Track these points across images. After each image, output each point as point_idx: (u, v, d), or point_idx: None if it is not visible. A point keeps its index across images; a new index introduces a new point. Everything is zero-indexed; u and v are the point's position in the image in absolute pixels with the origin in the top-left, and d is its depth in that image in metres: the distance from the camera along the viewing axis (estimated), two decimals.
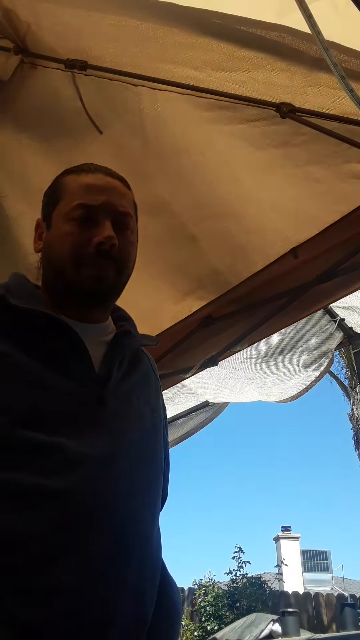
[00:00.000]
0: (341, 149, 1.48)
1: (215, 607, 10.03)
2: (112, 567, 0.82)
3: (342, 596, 11.09)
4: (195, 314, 2.11)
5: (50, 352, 0.90)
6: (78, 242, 0.94)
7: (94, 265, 0.94)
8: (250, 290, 1.96)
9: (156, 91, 1.50)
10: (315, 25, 1.08)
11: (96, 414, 0.88)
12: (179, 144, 1.63)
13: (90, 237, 0.94)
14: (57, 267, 0.97)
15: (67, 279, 0.95)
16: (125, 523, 0.85)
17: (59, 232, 0.96)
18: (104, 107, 1.60)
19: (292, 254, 1.81)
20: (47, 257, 1.00)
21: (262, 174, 1.65)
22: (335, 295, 1.90)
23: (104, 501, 0.83)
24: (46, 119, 1.65)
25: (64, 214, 0.97)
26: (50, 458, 0.82)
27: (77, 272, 0.94)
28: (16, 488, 0.80)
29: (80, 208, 0.95)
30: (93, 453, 0.85)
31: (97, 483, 0.83)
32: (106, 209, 0.96)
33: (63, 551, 0.79)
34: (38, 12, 1.43)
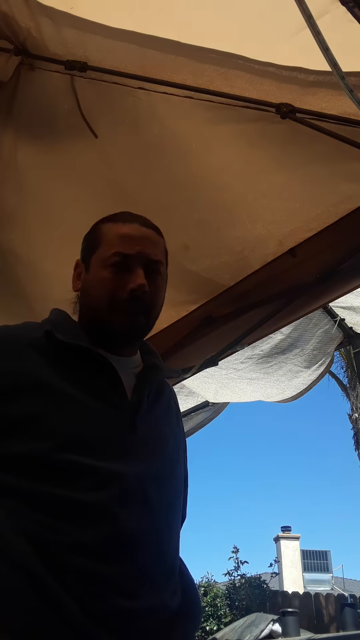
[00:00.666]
0: (341, 149, 1.48)
1: (214, 608, 10.04)
2: (148, 577, 0.94)
3: (342, 596, 11.08)
4: (194, 314, 2.11)
5: (90, 382, 1.00)
6: (113, 288, 1.03)
7: (126, 310, 1.03)
8: (249, 290, 1.96)
9: (155, 93, 1.50)
10: (315, 26, 1.08)
11: (128, 438, 0.98)
12: (177, 146, 1.63)
13: (124, 284, 1.03)
14: (93, 308, 1.07)
15: (102, 320, 1.05)
16: (152, 540, 0.96)
17: (97, 277, 1.06)
18: (102, 110, 1.60)
19: (290, 254, 1.81)
20: (84, 298, 1.09)
21: (262, 173, 1.65)
22: (334, 294, 1.90)
23: (137, 518, 0.94)
24: (44, 120, 1.65)
25: (101, 260, 1.06)
26: (91, 478, 0.91)
27: (111, 315, 1.04)
28: (65, 504, 0.89)
29: (116, 256, 1.04)
30: (127, 472, 0.95)
31: (132, 500, 0.94)
32: (140, 258, 1.05)
33: (109, 559, 0.89)
34: (38, 19, 1.44)
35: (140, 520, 0.94)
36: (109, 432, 0.97)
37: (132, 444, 0.98)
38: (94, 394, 0.99)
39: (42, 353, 0.99)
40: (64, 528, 0.87)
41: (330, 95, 1.39)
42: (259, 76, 1.39)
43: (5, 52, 1.51)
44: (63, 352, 1.00)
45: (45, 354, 0.99)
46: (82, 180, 1.75)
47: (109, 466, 0.93)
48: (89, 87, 1.54)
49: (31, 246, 1.90)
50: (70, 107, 1.58)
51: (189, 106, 1.50)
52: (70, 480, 0.90)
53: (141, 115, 1.58)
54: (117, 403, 1.00)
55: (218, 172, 1.68)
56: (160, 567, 0.97)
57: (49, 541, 0.86)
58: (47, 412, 0.93)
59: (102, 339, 1.06)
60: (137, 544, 0.92)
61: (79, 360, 1.01)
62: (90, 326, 1.08)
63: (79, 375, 0.99)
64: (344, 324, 2.76)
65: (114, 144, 1.66)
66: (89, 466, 0.91)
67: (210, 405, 3.25)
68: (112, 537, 0.90)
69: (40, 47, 1.50)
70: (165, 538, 1.00)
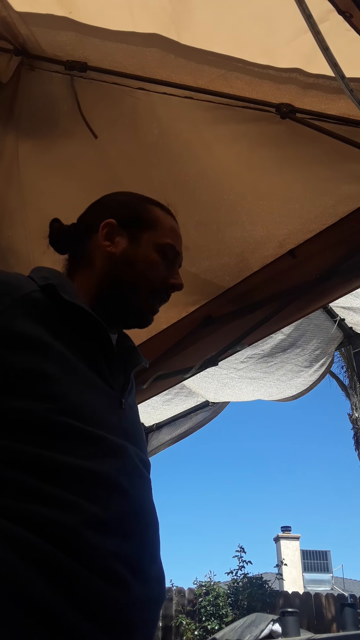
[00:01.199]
0: (341, 149, 1.48)
1: (215, 607, 10.04)
2: (149, 547, 0.88)
3: (342, 596, 11.08)
4: (194, 314, 2.11)
5: (87, 352, 0.94)
6: (161, 275, 1.05)
7: (158, 299, 1.07)
8: (249, 291, 1.96)
9: (154, 94, 1.50)
10: (315, 26, 1.08)
11: (119, 416, 0.95)
12: (176, 146, 1.63)
13: (169, 276, 1.07)
14: (127, 282, 1.04)
15: (130, 294, 1.03)
16: (153, 516, 0.93)
17: (147, 256, 1.05)
18: (102, 111, 1.60)
19: (290, 255, 1.81)
20: (120, 267, 1.04)
21: (262, 174, 1.65)
22: (334, 295, 1.90)
23: (140, 493, 0.90)
24: (45, 120, 1.65)
25: (155, 243, 1.06)
26: (97, 446, 0.86)
27: (145, 297, 1.04)
28: (77, 470, 0.82)
29: (171, 248, 1.07)
30: (127, 446, 0.91)
31: (134, 474, 0.90)
32: (179, 259, 1.11)
33: (124, 532, 0.83)
34: (36, 28, 1.45)
35: (143, 495, 0.91)
36: (107, 405, 0.93)
37: (121, 421, 0.95)
38: (91, 364, 0.93)
39: (41, 309, 0.90)
40: (75, 501, 0.79)
41: (330, 95, 1.39)
42: (258, 78, 1.40)
43: (6, 53, 1.51)
44: (61, 312, 0.92)
45: (43, 311, 0.90)
46: (82, 179, 1.75)
47: (113, 437, 0.88)
48: (89, 88, 1.54)
49: (30, 244, 1.90)
50: (71, 107, 1.58)
51: (189, 106, 1.50)
52: (78, 446, 0.83)
53: (140, 115, 1.58)
54: (109, 379, 0.96)
55: (218, 173, 1.68)
56: (159, 543, 0.93)
57: (56, 518, 0.76)
58: (52, 371, 0.86)
59: (102, 309, 1.01)
60: (145, 519, 0.89)
61: (78, 326, 0.94)
62: (99, 291, 1.03)
63: (76, 341, 0.92)
64: (344, 324, 2.76)
65: (114, 144, 1.66)
66: (95, 434, 0.86)
67: (210, 405, 3.25)
68: (126, 511, 0.84)
69: (40, 49, 1.50)
70: (156, 516, 0.96)
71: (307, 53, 1.26)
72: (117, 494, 0.84)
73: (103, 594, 0.75)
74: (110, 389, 0.96)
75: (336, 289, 1.83)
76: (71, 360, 0.90)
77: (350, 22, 1.12)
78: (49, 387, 0.85)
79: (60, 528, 0.76)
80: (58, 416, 0.83)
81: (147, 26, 1.35)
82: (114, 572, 0.78)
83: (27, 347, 0.86)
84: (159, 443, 3.32)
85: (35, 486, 0.78)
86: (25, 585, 0.71)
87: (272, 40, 1.32)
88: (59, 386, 0.86)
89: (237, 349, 2.16)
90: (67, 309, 0.93)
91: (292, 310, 1.95)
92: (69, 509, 0.78)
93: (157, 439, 3.35)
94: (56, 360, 0.88)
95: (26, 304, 0.89)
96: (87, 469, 0.82)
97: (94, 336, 0.96)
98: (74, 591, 0.74)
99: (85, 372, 0.92)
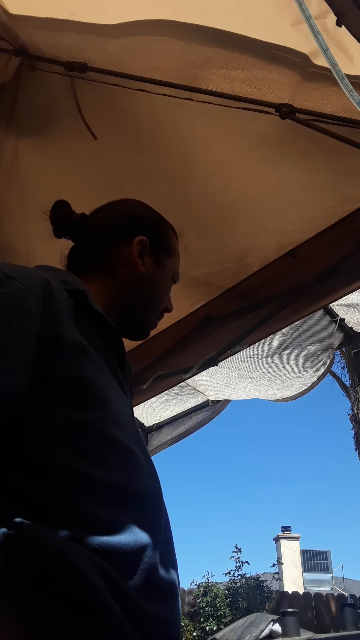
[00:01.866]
0: (341, 149, 1.48)
1: (214, 608, 10.04)
2: (171, 556, 0.85)
3: (342, 596, 11.08)
4: (194, 314, 2.11)
5: (110, 361, 0.92)
6: (165, 299, 1.12)
7: (156, 320, 1.13)
8: (249, 291, 1.96)
9: (154, 95, 1.50)
10: (315, 26, 1.08)
11: (136, 428, 0.96)
12: (177, 146, 1.63)
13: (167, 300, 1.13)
14: (142, 300, 1.07)
15: (141, 314, 1.08)
16: (168, 527, 0.91)
17: (167, 282, 1.11)
18: (102, 112, 1.61)
19: (290, 255, 1.81)
20: (143, 285, 1.06)
21: (262, 174, 1.65)
22: (335, 295, 1.90)
23: (157, 498, 0.88)
24: (45, 122, 1.65)
25: (173, 271, 1.13)
26: (132, 460, 0.83)
27: (153, 317, 1.10)
28: (118, 488, 0.78)
29: (176, 277, 1.14)
30: (148, 462, 0.89)
31: (152, 484, 0.87)
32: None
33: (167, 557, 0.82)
34: (37, 30, 1.45)
35: (167, 515, 0.89)
36: (130, 417, 0.92)
37: (140, 434, 0.96)
38: (114, 373, 0.92)
39: (76, 315, 0.85)
40: (136, 523, 0.76)
41: (330, 95, 1.40)
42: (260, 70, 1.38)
43: (6, 53, 1.52)
44: (87, 320, 0.88)
45: (77, 317, 0.85)
46: (82, 180, 1.75)
47: (142, 452, 0.86)
48: (89, 89, 1.54)
49: (30, 242, 1.91)
50: (71, 108, 1.58)
51: (189, 108, 1.50)
52: (124, 463, 0.80)
53: (141, 116, 1.58)
54: (125, 387, 0.96)
55: (217, 173, 1.68)
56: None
57: (122, 544, 0.73)
58: (95, 378, 0.81)
59: (117, 321, 0.98)
60: (170, 537, 0.87)
61: (98, 335, 0.90)
62: (115, 305, 1.01)
63: (102, 350, 0.89)
64: (344, 323, 2.76)
65: (114, 144, 1.66)
66: (131, 448, 0.83)
67: (210, 404, 3.25)
68: (168, 534, 0.85)
69: (40, 50, 1.51)
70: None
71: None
72: (159, 514, 0.84)
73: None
74: (128, 400, 0.97)
75: (336, 289, 1.83)
76: (104, 369, 0.88)
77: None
78: (97, 394, 0.81)
79: (125, 555, 0.73)
80: (107, 425, 0.80)
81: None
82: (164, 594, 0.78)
83: (75, 353, 0.81)
84: (159, 443, 3.32)
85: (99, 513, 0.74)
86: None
87: (280, 21, 1.28)
88: (104, 393, 0.82)
89: (237, 349, 2.16)
90: (91, 317, 0.89)
91: (292, 311, 1.95)
92: (134, 534, 0.76)
93: (158, 439, 3.35)
94: (97, 368, 0.84)
95: (68, 308, 0.84)
96: (137, 489, 0.81)
97: (112, 347, 0.94)
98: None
99: (113, 380, 0.90)
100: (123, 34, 1.41)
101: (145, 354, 2.25)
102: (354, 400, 11.02)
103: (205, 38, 1.36)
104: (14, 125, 1.64)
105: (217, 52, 1.38)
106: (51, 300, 0.79)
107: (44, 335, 0.76)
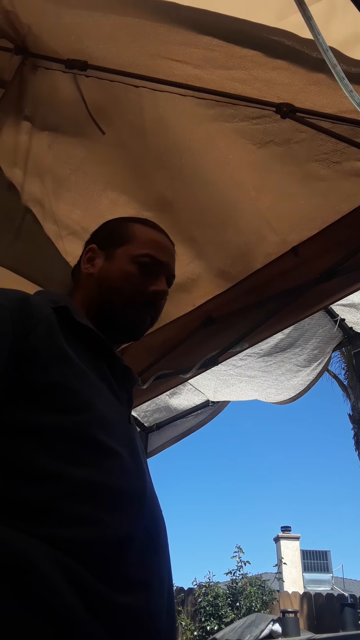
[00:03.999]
0: (341, 148, 1.48)
1: (215, 607, 10.04)
2: (153, 552, 0.89)
3: (342, 596, 11.09)
4: (194, 313, 2.11)
5: (99, 369, 0.98)
6: (138, 286, 1.06)
7: (141, 310, 1.07)
8: (250, 290, 1.96)
9: (157, 91, 1.51)
10: (315, 27, 1.09)
11: (129, 429, 0.98)
12: (180, 143, 1.64)
13: (148, 285, 1.06)
14: (109, 297, 1.07)
15: (113, 310, 1.06)
16: (164, 529, 0.96)
17: (123, 269, 1.07)
18: (106, 107, 1.61)
19: (292, 253, 1.81)
20: (99, 285, 1.09)
21: (263, 172, 1.66)
22: (336, 295, 1.90)
23: (155, 512, 0.93)
24: (50, 118, 1.65)
25: (131, 256, 1.08)
26: (114, 461, 0.88)
27: (125, 310, 1.06)
28: (99, 487, 0.83)
29: (148, 257, 1.08)
30: (142, 463, 0.95)
31: (149, 493, 0.93)
32: (166, 268, 1.10)
33: (146, 549, 0.86)
34: (38, 13, 1.44)
35: (158, 513, 0.94)
36: (120, 420, 0.96)
37: (131, 436, 0.98)
38: (104, 380, 0.97)
39: (59, 329, 0.93)
40: (107, 519, 0.80)
41: (330, 95, 1.40)
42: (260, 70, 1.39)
43: (7, 52, 1.52)
44: (73, 333, 0.96)
45: (61, 330, 0.93)
46: (92, 172, 1.76)
47: (129, 454, 0.91)
48: (92, 84, 1.55)
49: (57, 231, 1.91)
50: (75, 105, 1.58)
51: (192, 103, 1.50)
52: (104, 462, 0.85)
53: (145, 110, 1.58)
54: (119, 395, 1.00)
55: (219, 171, 1.68)
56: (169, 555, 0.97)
57: (90, 539, 0.77)
58: (75, 385, 0.88)
59: (101, 326, 1.04)
60: (163, 536, 0.93)
61: (87, 346, 0.98)
62: (93, 312, 1.07)
63: (88, 359, 0.96)
64: (344, 323, 2.76)
65: (120, 139, 1.67)
66: (116, 450, 0.88)
67: (210, 404, 3.25)
68: (152, 530, 0.88)
69: (41, 45, 1.51)
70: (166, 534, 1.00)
71: None
72: (141, 512, 0.87)
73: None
74: (120, 404, 0.99)
75: (338, 289, 1.83)
76: (90, 376, 0.93)
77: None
78: (76, 399, 0.87)
79: (94, 549, 0.77)
80: (88, 428, 0.85)
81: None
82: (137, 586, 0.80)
83: (55, 362, 0.88)
84: (159, 442, 3.32)
85: (72, 509, 0.78)
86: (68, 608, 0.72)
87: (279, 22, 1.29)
88: (86, 399, 0.88)
89: (237, 349, 2.16)
90: (78, 330, 0.97)
91: (293, 310, 1.94)
92: (103, 529, 0.79)
93: (158, 439, 3.35)
94: (80, 374, 0.90)
95: (49, 323, 0.92)
96: (113, 485, 0.84)
97: (102, 355, 1.00)
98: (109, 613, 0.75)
99: (101, 386, 0.95)
100: (119, 35, 1.41)
101: (145, 354, 2.25)
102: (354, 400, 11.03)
103: (203, 30, 1.36)
104: (24, 120, 1.64)
105: (218, 43, 1.37)
106: (28, 315, 0.88)
107: (20, 346, 0.84)
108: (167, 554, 0.94)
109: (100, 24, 1.44)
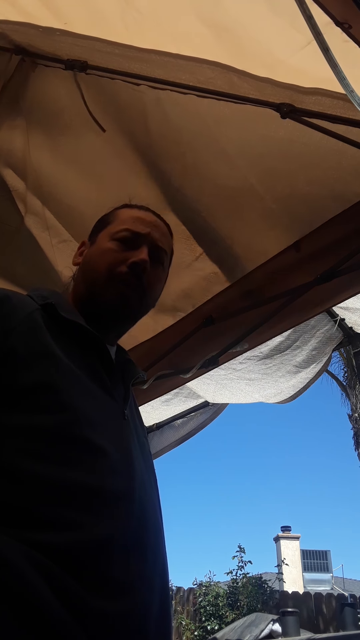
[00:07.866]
0: (342, 147, 1.48)
1: (215, 607, 10.04)
2: (142, 552, 0.87)
3: (342, 596, 11.08)
4: (195, 313, 2.10)
5: (88, 365, 0.95)
6: (115, 259, 1.03)
7: (122, 283, 1.02)
8: (250, 290, 1.96)
9: (158, 90, 1.51)
10: (316, 26, 1.08)
11: (122, 427, 0.96)
12: (182, 141, 1.64)
13: (128, 258, 1.03)
14: (90, 279, 1.05)
15: (95, 292, 1.03)
16: (158, 530, 0.94)
17: (101, 248, 1.06)
18: (107, 105, 1.61)
19: (294, 248, 1.80)
20: (83, 271, 1.08)
21: (264, 170, 1.66)
22: (337, 295, 1.89)
23: (148, 512, 0.91)
24: (50, 117, 1.65)
25: (109, 234, 1.07)
26: (106, 460, 0.86)
27: (107, 287, 1.02)
28: (79, 487, 0.81)
29: (125, 231, 1.06)
30: (133, 462, 0.92)
31: (140, 493, 0.90)
32: (148, 239, 1.07)
33: (133, 548, 0.84)
34: (34, 34, 1.45)
35: (149, 514, 0.92)
36: (110, 417, 0.94)
37: (124, 432, 0.95)
38: (94, 377, 0.95)
39: (44, 326, 0.92)
40: (88, 521, 0.79)
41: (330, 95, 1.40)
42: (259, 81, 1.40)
43: (6, 52, 1.52)
44: (60, 329, 0.95)
45: (47, 328, 0.93)
46: (92, 169, 1.76)
47: (118, 452, 0.89)
48: (92, 82, 1.55)
49: (49, 234, 1.91)
50: (75, 103, 1.58)
51: (193, 100, 1.50)
52: (88, 462, 0.83)
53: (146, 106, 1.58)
54: (111, 390, 0.98)
55: (220, 168, 1.68)
56: (164, 556, 0.95)
57: (70, 541, 0.76)
58: (58, 383, 0.87)
59: (93, 318, 1.02)
60: (153, 539, 0.90)
61: (77, 341, 0.96)
62: (82, 303, 1.05)
63: (78, 355, 0.94)
64: (344, 324, 2.75)
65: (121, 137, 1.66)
66: (102, 448, 0.86)
67: (210, 405, 3.25)
68: (139, 531, 0.86)
69: (39, 49, 1.51)
70: (162, 533, 0.97)
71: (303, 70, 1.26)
72: (130, 513, 0.85)
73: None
74: (113, 400, 0.97)
75: (339, 290, 1.82)
76: (76, 372, 0.91)
77: (349, 32, 1.12)
78: (59, 398, 0.85)
79: (73, 552, 0.75)
80: (71, 427, 0.84)
81: (144, 37, 1.35)
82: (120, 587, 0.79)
83: (37, 361, 0.87)
84: (161, 446, 3.31)
85: (49, 512, 0.77)
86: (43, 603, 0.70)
87: (272, 55, 1.31)
88: (69, 397, 0.87)
89: (237, 350, 2.15)
90: (66, 326, 0.96)
91: (294, 311, 1.93)
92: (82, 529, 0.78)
93: (159, 442, 3.34)
94: (66, 373, 0.89)
95: (32, 321, 0.91)
96: (96, 486, 0.82)
97: (93, 350, 0.98)
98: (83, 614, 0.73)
99: (88, 383, 0.93)
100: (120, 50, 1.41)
101: (145, 354, 2.25)
102: (354, 400, 11.03)
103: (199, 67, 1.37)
104: (23, 119, 1.64)
105: (214, 69, 1.40)
106: (7, 315, 0.89)
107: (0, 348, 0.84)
108: (160, 557, 0.91)
109: (99, 49, 1.45)
